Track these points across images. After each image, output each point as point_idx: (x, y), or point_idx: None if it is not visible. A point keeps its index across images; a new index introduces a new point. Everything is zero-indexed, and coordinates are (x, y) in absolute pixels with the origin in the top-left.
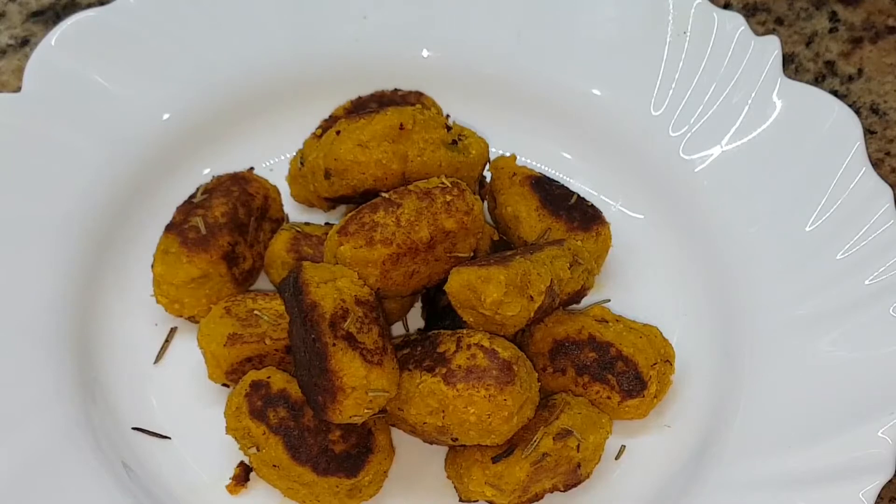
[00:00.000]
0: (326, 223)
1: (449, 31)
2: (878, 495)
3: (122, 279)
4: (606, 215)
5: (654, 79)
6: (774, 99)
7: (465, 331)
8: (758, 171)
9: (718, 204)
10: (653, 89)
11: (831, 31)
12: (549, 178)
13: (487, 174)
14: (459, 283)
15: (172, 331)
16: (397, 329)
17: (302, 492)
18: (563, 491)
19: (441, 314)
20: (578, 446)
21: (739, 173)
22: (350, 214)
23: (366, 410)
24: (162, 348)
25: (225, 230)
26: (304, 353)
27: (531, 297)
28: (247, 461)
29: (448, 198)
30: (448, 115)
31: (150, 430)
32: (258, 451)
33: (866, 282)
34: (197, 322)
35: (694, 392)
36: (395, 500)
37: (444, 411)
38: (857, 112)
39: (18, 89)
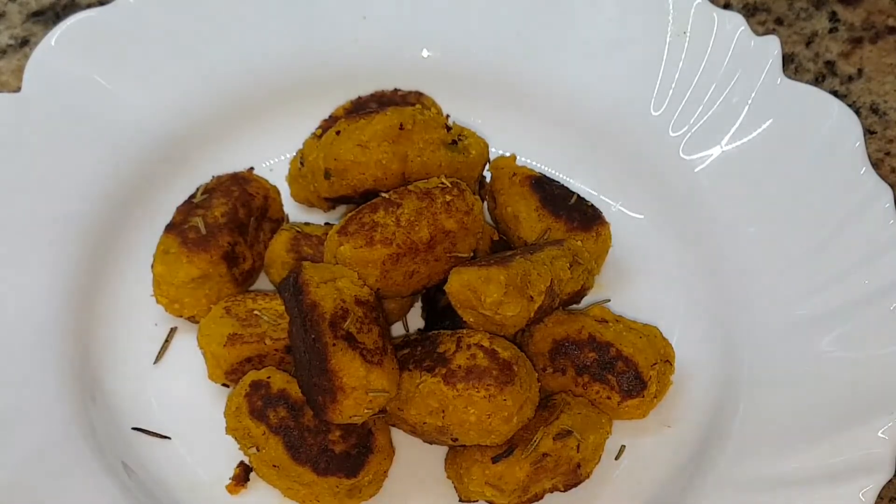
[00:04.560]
0: (326, 223)
1: (449, 31)
2: (879, 495)
3: (122, 279)
4: (606, 215)
5: (654, 79)
6: (774, 99)
7: (465, 331)
8: (758, 171)
9: (718, 204)
10: (653, 89)
11: (831, 31)
12: (549, 178)
13: (487, 174)
14: (459, 284)
15: (172, 331)
16: (397, 329)
17: (302, 492)
18: (563, 491)
19: (441, 314)
20: (578, 446)
21: (739, 173)
22: (350, 214)
23: (366, 410)
24: (162, 348)
25: (225, 230)
26: (304, 353)
27: (531, 297)
28: (247, 461)
29: (448, 198)
30: (448, 115)
31: (150, 430)
32: (258, 451)
33: (866, 282)
34: (197, 322)
35: (694, 392)
36: (395, 500)
37: (444, 411)
38: (857, 112)
39: (18, 89)
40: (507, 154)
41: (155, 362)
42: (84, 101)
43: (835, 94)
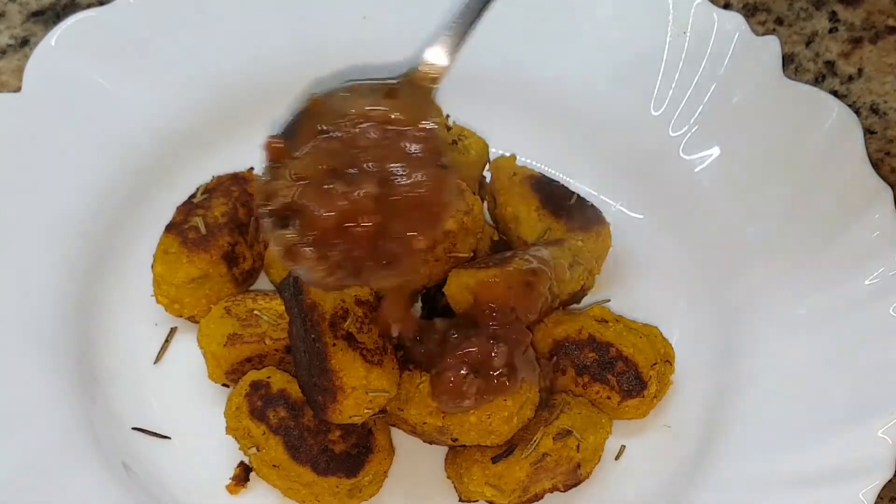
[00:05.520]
0: None
1: None
2: (878, 495)
3: (122, 279)
4: (606, 215)
5: (654, 79)
6: (774, 99)
7: None
8: (758, 171)
9: (718, 204)
10: (653, 89)
11: (831, 31)
12: (549, 178)
13: (487, 174)
14: (458, 286)
15: (172, 331)
16: None
17: (302, 492)
18: (563, 491)
19: (441, 314)
20: (578, 446)
21: (739, 173)
22: None
23: (366, 410)
24: (162, 348)
25: (225, 230)
26: (304, 353)
27: None
28: (247, 461)
29: None
30: (448, 115)
31: (150, 430)
32: (258, 451)
33: (866, 282)
34: (197, 322)
35: (694, 392)
36: (395, 500)
37: (443, 411)
38: (857, 112)
39: (18, 89)
40: (507, 154)
41: (155, 362)
42: (84, 101)
43: (835, 94)
